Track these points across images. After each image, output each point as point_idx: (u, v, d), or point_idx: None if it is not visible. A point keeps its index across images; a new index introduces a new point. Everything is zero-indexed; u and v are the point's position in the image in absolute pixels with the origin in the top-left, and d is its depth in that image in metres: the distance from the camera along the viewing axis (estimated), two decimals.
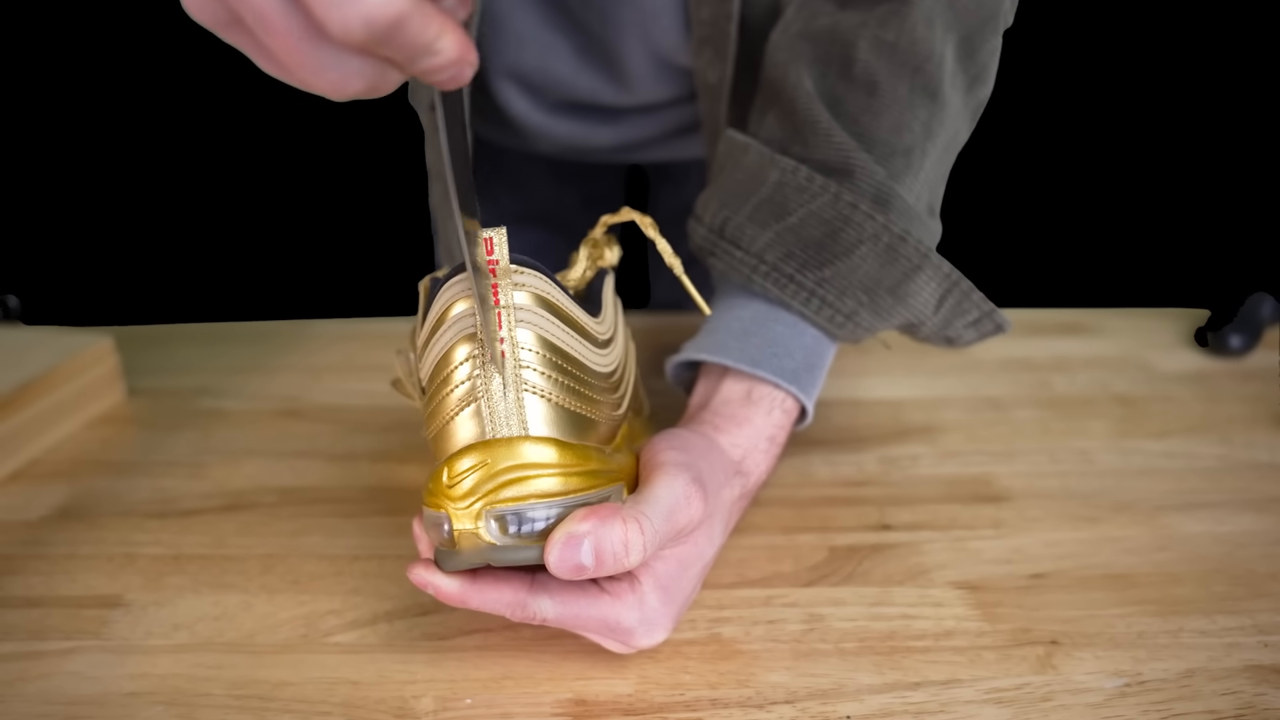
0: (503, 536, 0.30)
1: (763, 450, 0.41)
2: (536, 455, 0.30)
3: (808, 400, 0.43)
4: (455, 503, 0.30)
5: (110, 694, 0.34)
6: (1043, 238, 1.29)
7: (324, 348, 0.66)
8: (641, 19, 0.56)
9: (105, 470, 0.50)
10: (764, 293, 0.44)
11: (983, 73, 0.47)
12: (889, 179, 0.43)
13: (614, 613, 0.32)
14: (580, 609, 0.32)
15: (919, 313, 0.44)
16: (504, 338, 0.30)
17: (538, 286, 0.32)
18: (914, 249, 0.42)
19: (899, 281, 0.43)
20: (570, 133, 0.65)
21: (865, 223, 0.42)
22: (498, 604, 0.32)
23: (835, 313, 0.43)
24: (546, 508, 0.30)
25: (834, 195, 0.43)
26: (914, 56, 0.44)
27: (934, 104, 0.44)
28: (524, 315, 0.31)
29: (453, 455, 0.30)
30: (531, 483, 0.30)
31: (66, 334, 0.58)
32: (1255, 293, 0.65)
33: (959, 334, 0.46)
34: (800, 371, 0.43)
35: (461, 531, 0.30)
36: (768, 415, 0.42)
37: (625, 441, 0.37)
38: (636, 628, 0.33)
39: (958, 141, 0.48)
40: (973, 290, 0.44)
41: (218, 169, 1.34)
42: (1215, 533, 0.44)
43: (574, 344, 0.32)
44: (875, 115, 0.44)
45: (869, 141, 0.44)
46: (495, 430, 0.30)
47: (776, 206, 0.44)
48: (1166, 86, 1.23)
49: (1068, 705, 0.33)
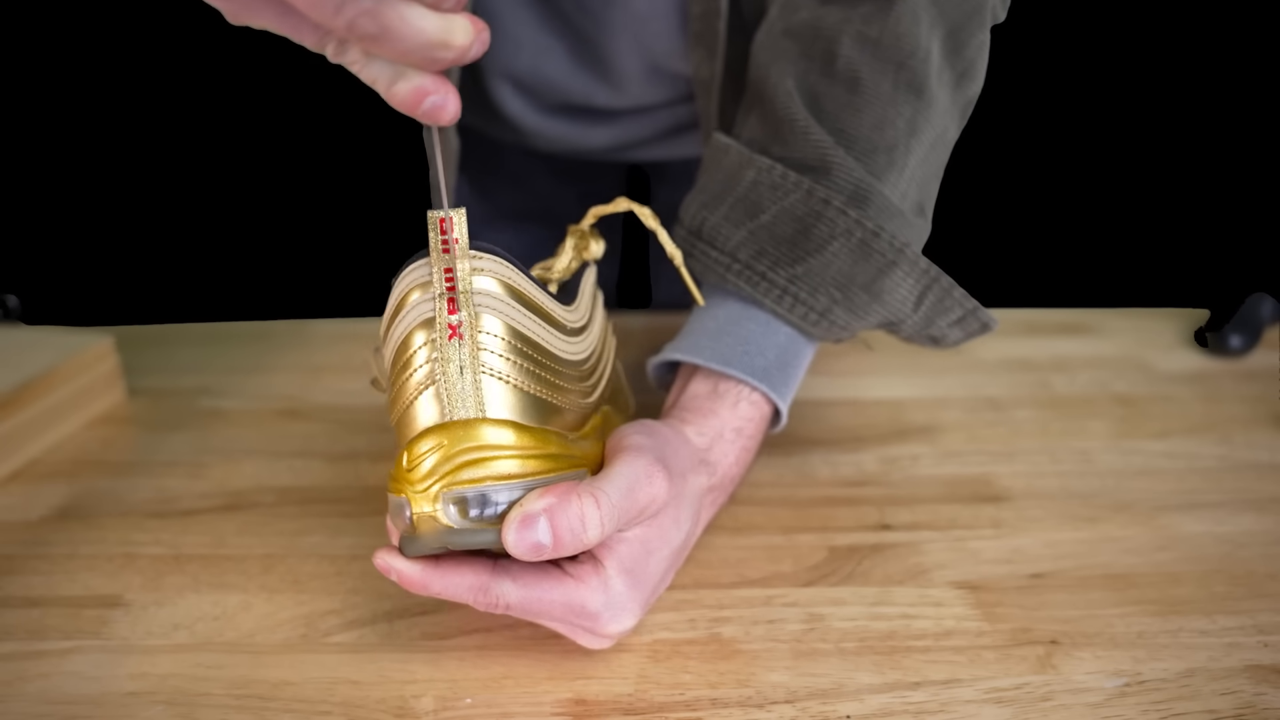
0: (461, 520, 0.30)
1: (729, 440, 0.41)
2: (495, 437, 0.30)
3: (779, 399, 0.42)
4: (414, 485, 0.30)
5: (110, 694, 0.34)
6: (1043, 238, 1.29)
7: (324, 348, 0.66)
8: (632, 22, 0.57)
9: (105, 470, 0.50)
10: (737, 291, 0.44)
11: (970, 68, 0.47)
12: (869, 175, 0.43)
13: (578, 596, 0.32)
14: (543, 592, 0.32)
15: (897, 310, 0.44)
16: (462, 320, 0.30)
17: (498, 271, 0.31)
18: (888, 245, 0.42)
19: (873, 278, 0.43)
20: (565, 133, 0.65)
21: (837, 219, 0.42)
22: (459, 588, 0.32)
23: (809, 310, 0.43)
24: (507, 490, 0.30)
25: (806, 192, 0.42)
26: (898, 52, 0.43)
27: (919, 100, 0.44)
28: (483, 300, 0.30)
29: (413, 439, 0.30)
30: (490, 464, 0.30)
31: (66, 334, 0.58)
32: (1255, 293, 0.65)
33: (943, 333, 0.46)
34: (772, 370, 0.43)
35: (420, 515, 0.30)
36: (734, 408, 0.42)
37: (595, 432, 0.36)
38: (602, 611, 0.33)
39: (947, 139, 0.47)
40: (954, 287, 0.44)
41: (218, 169, 1.34)
42: (1215, 533, 0.44)
43: (538, 330, 0.32)
44: (856, 112, 0.43)
45: (849, 139, 0.43)
46: (452, 412, 0.30)
47: (751, 205, 0.44)
48: (1166, 86, 1.22)
49: (1068, 705, 0.33)
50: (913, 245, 0.43)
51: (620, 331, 0.62)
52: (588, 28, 0.58)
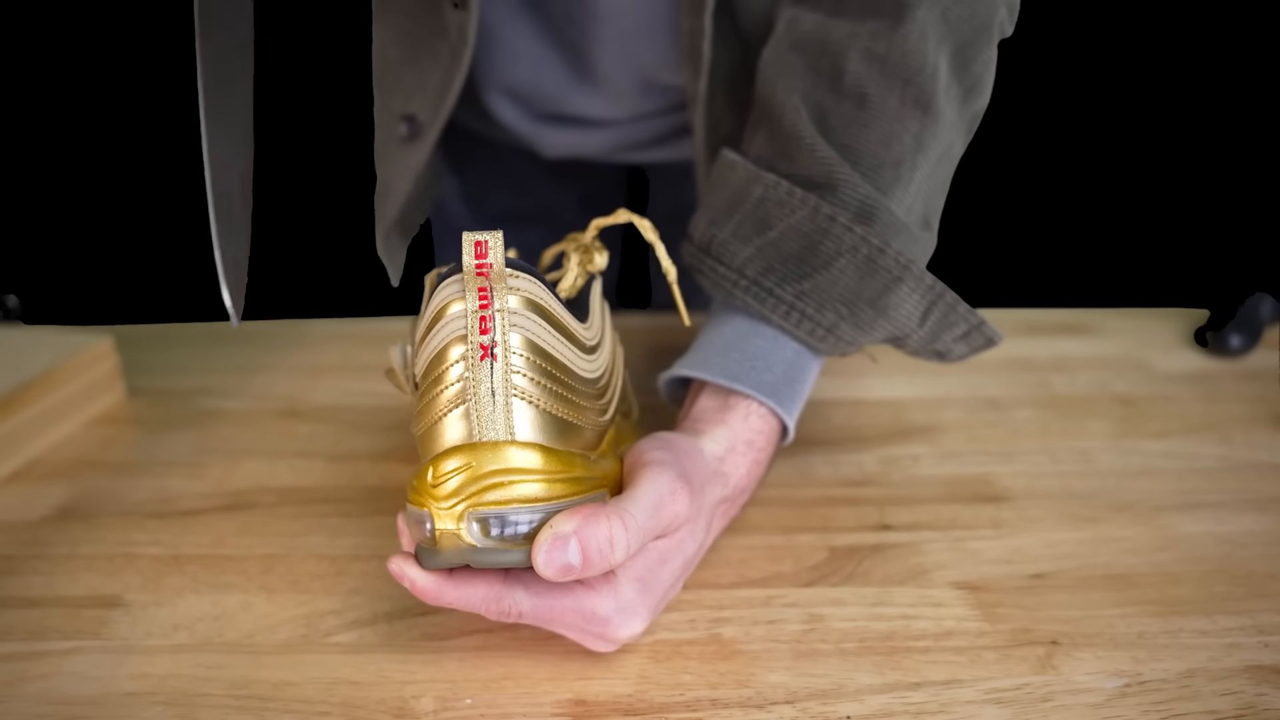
0: (484, 539, 0.30)
1: (740, 453, 0.41)
2: (522, 460, 0.30)
3: (786, 415, 0.43)
4: (439, 502, 0.30)
5: (110, 694, 0.34)
6: (1043, 238, 1.29)
7: (324, 348, 0.66)
8: (621, 37, 0.57)
9: (105, 470, 0.50)
10: (745, 307, 0.44)
11: (978, 84, 0.47)
12: (876, 192, 0.43)
13: (589, 603, 0.33)
14: (555, 600, 0.33)
15: (902, 326, 0.44)
16: (496, 341, 0.30)
17: (531, 291, 0.32)
18: (894, 261, 0.42)
19: (879, 294, 0.43)
20: (562, 139, 0.66)
21: (844, 235, 0.42)
22: (473, 599, 0.32)
23: (815, 326, 0.43)
24: (530, 512, 0.30)
25: (813, 208, 0.42)
26: (905, 69, 0.43)
27: (926, 116, 0.44)
28: (516, 320, 0.31)
29: (439, 455, 0.31)
30: (515, 487, 0.30)
31: (66, 334, 0.58)
32: (1255, 293, 0.65)
33: (948, 348, 0.46)
34: (779, 385, 0.43)
35: (443, 531, 0.30)
36: (744, 420, 0.42)
37: (611, 446, 0.37)
38: (613, 616, 0.33)
39: (953, 154, 0.47)
40: (958, 303, 0.44)
41: None
42: (1215, 533, 0.44)
43: (563, 350, 0.33)
44: (863, 127, 0.43)
45: (855, 155, 0.43)
46: (482, 433, 0.30)
47: (758, 222, 0.44)
48: (1166, 87, 1.22)
49: (1068, 705, 0.33)
50: (918, 261, 0.43)
51: (620, 331, 0.62)
52: (579, 41, 0.58)
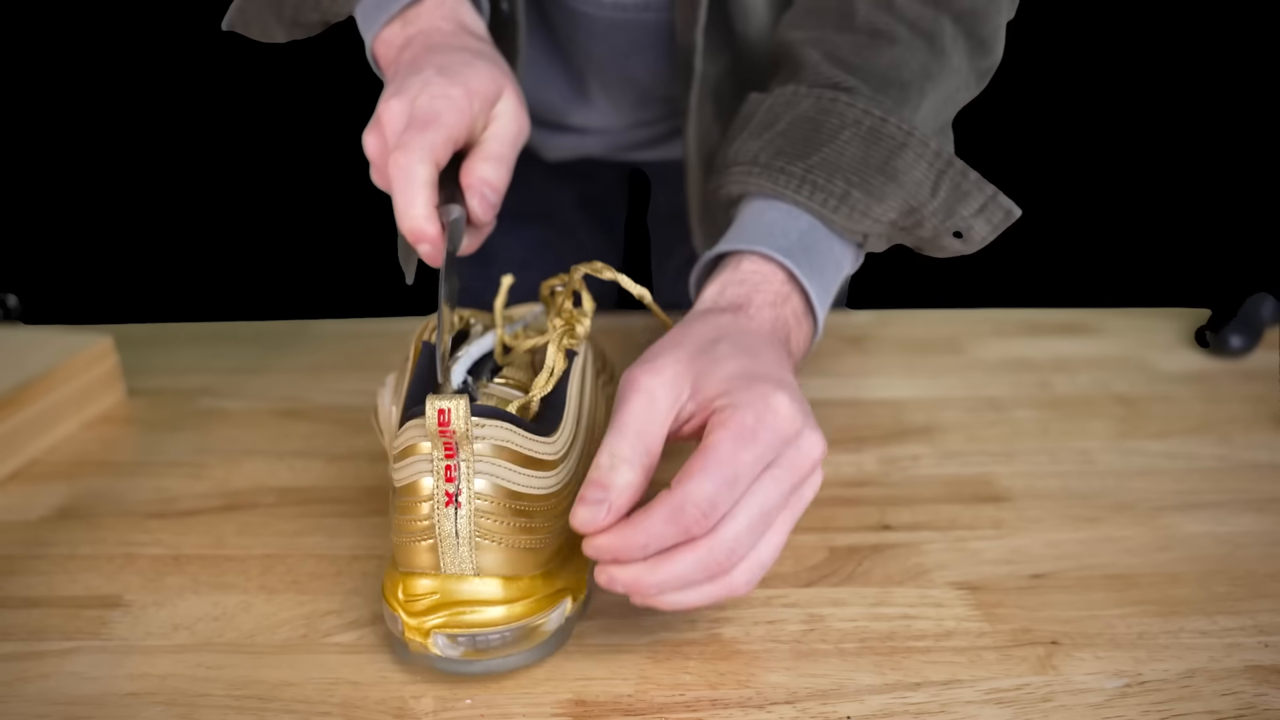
0: (449, 648, 0.33)
1: (738, 285, 0.42)
2: (486, 591, 0.33)
3: (805, 278, 0.43)
4: (410, 617, 0.33)
5: (110, 694, 0.34)
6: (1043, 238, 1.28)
7: (324, 348, 0.66)
8: (615, 55, 0.59)
9: (105, 470, 0.50)
10: (760, 190, 0.46)
11: (986, 43, 0.49)
12: (885, 100, 0.46)
13: (767, 420, 0.34)
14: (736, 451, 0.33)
15: (914, 194, 0.45)
16: (461, 489, 0.32)
17: (498, 437, 0.33)
18: (896, 129, 0.44)
19: (885, 159, 0.45)
20: (562, 144, 0.68)
21: (846, 110, 0.45)
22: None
23: (827, 196, 0.44)
24: (496, 632, 0.33)
25: (817, 97, 0.46)
26: (910, 13, 0.47)
27: (932, 50, 0.47)
28: (481, 466, 0.32)
29: (411, 575, 0.33)
30: (481, 611, 0.33)
31: (66, 334, 0.58)
32: (1255, 293, 0.65)
33: (968, 225, 0.46)
34: (795, 250, 0.44)
35: (413, 641, 0.33)
36: (766, 281, 0.42)
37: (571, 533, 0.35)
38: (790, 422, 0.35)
39: (958, 100, 0.49)
40: (969, 170, 0.45)
41: (218, 169, 1.34)
42: (1215, 533, 0.44)
43: (529, 481, 0.33)
44: (875, 52, 0.47)
45: (865, 73, 0.46)
46: (447, 568, 0.33)
47: (767, 122, 0.47)
48: (1166, 86, 1.22)
49: (1068, 705, 0.33)
50: (921, 129, 0.45)
51: (620, 331, 0.62)
52: (578, 58, 0.60)
